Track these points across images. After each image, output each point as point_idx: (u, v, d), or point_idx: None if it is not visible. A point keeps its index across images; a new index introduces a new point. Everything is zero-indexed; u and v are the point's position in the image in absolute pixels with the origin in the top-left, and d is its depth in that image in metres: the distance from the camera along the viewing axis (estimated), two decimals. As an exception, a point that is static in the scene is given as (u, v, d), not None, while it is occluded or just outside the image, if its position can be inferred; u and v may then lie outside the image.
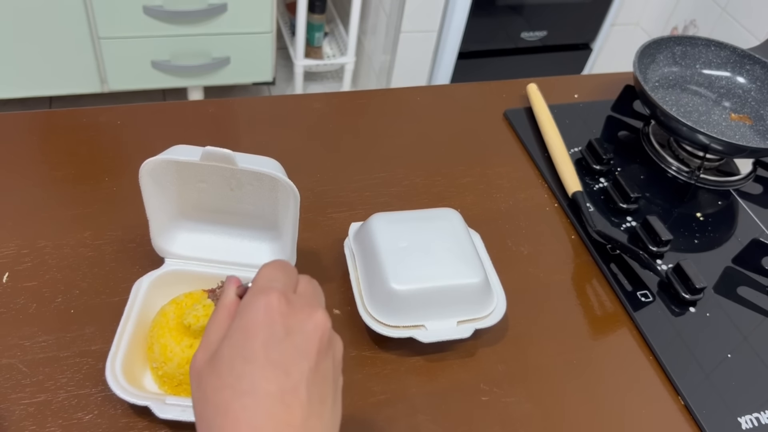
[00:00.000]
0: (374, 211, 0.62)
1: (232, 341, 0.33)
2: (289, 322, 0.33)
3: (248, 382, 0.31)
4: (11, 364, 0.52)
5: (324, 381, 0.34)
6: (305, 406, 0.32)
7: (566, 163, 0.76)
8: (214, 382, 0.32)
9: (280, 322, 0.33)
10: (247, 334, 0.33)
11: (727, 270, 0.71)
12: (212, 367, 0.33)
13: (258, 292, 0.34)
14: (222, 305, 0.37)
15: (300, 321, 0.34)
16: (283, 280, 0.36)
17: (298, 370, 0.32)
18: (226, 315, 0.36)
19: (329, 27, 2.09)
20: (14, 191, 0.65)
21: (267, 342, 0.32)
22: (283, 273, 0.37)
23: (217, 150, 0.50)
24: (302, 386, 0.32)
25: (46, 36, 1.55)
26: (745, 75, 0.87)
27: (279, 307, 0.33)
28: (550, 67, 1.93)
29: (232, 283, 0.39)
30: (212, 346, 0.34)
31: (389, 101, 0.85)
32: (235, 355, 0.32)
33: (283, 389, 0.31)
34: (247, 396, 0.31)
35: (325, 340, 0.34)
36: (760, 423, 0.57)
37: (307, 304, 0.35)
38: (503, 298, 0.60)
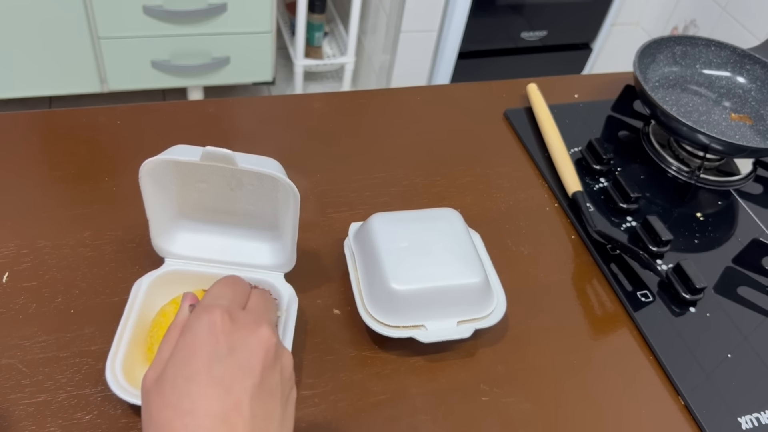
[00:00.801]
0: (374, 211, 0.62)
1: (176, 360, 0.33)
2: (232, 339, 0.33)
3: (189, 401, 0.31)
4: (11, 364, 0.52)
5: (270, 397, 0.33)
6: (248, 424, 0.31)
7: (566, 163, 0.76)
8: (158, 401, 0.32)
9: (223, 340, 0.33)
10: (190, 352, 0.33)
11: (727, 270, 0.71)
12: (158, 385, 0.33)
13: (202, 310, 0.34)
14: (174, 324, 0.36)
15: (243, 338, 0.33)
16: (230, 297, 0.36)
17: (240, 387, 0.32)
18: (176, 333, 0.35)
19: (329, 27, 2.09)
20: (14, 191, 0.65)
21: (209, 360, 0.32)
22: (231, 290, 0.37)
23: (217, 150, 0.49)
24: (245, 404, 0.32)
25: (46, 36, 1.55)
26: (746, 75, 0.87)
27: (222, 324, 0.33)
28: (550, 67, 1.93)
29: (188, 300, 0.39)
30: (160, 366, 0.34)
31: (389, 101, 0.85)
32: (177, 374, 0.32)
33: (226, 407, 0.31)
34: (189, 415, 0.31)
35: (270, 356, 0.34)
36: (761, 423, 0.57)
37: (252, 321, 0.35)
38: (503, 298, 0.60)
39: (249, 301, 0.37)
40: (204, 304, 0.35)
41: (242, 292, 0.38)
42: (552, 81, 0.92)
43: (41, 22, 1.52)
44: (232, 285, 0.38)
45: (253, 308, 0.37)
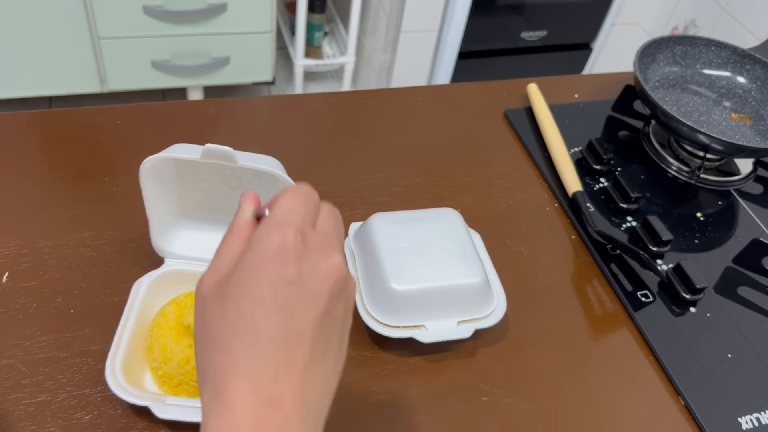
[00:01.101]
0: (374, 211, 0.62)
1: (240, 277, 0.31)
2: (303, 264, 0.31)
3: (251, 322, 0.30)
4: (11, 364, 0.52)
5: (332, 327, 0.32)
6: (308, 353, 0.30)
7: (566, 163, 0.76)
8: (218, 315, 0.31)
9: (293, 264, 0.31)
10: (257, 272, 0.31)
11: (727, 270, 0.71)
12: (218, 298, 0.31)
13: (274, 226, 0.32)
14: (236, 226, 0.34)
15: (314, 264, 0.31)
16: (302, 214, 0.33)
17: (305, 315, 0.31)
18: (239, 238, 0.33)
19: (329, 27, 2.08)
20: (14, 191, 0.65)
21: (276, 283, 0.30)
22: (304, 204, 0.34)
23: (218, 147, 0.49)
24: (308, 332, 0.30)
25: (46, 36, 1.55)
26: (746, 75, 0.87)
27: (294, 246, 0.31)
28: (550, 67, 1.93)
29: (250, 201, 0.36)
30: (220, 272, 0.32)
31: (389, 101, 0.85)
32: (241, 293, 0.30)
33: (288, 335, 0.30)
34: (249, 336, 0.30)
35: (339, 286, 0.32)
36: (761, 423, 0.57)
37: (325, 244, 0.33)
38: (503, 298, 0.60)
39: (319, 218, 0.34)
40: (277, 220, 0.32)
41: (314, 207, 0.34)
42: (552, 81, 0.92)
43: (41, 22, 1.52)
44: (305, 198, 0.34)
45: (324, 229, 0.34)
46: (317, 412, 0.31)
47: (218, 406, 0.29)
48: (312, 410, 0.31)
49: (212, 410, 0.30)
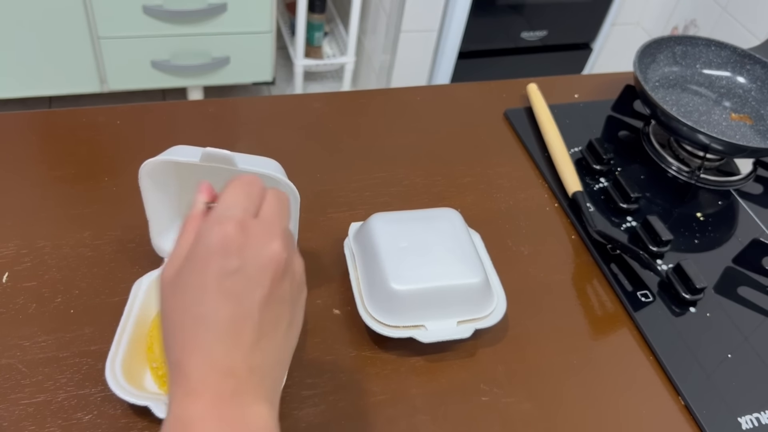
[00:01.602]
0: (374, 211, 0.62)
1: (189, 267, 0.34)
2: (244, 253, 0.34)
3: (203, 308, 0.33)
4: (10, 365, 0.52)
5: (279, 304, 0.35)
6: (256, 330, 0.34)
7: (566, 163, 0.76)
8: (174, 302, 0.34)
9: (234, 255, 0.34)
10: (203, 263, 0.34)
11: (727, 270, 0.71)
12: (174, 286, 0.35)
13: (215, 221, 0.34)
14: (189, 218, 0.37)
15: (255, 252, 0.34)
16: (243, 206, 0.36)
17: (250, 298, 0.34)
18: (191, 230, 0.36)
19: (329, 27, 2.08)
20: (14, 191, 0.65)
21: (220, 273, 0.33)
22: (245, 196, 0.36)
23: (217, 151, 0.49)
24: (254, 312, 0.34)
25: (46, 36, 1.55)
26: (746, 75, 0.87)
27: (235, 238, 0.34)
28: (550, 67, 1.93)
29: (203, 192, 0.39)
30: (176, 263, 0.35)
31: (389, 101, 0.85)
32: (190, 281, 0.34)
33: (235, 316, 0.33)
34: (201, 320, 0.33)
35: (281, 269, 0.35)
36: (761, 423, 0.57)
37: (264, 232, 0.35)
38: (503, 298, 0.60)
39: (263, 206, 0.37)
40: (218, 215, 0.35)
41: (257, 196, 0.37)
42: (552, 81, 0.92)
43: (41, 22, 1.52)
44: (247, 189, 0.37)
45: (267, 216, 0.36)
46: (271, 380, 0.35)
47: (178, 378, 0.33)
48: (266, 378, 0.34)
49: (174, 383, 0.33)
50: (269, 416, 0.34)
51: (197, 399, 0.32)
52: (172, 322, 0.34)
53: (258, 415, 0.33)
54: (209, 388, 0.32)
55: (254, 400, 0.33)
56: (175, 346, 0.34)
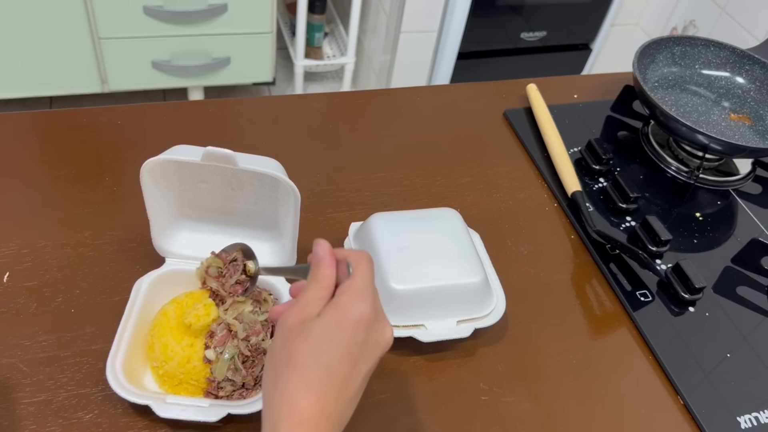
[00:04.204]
0: (374, 211, 0.62)
1: (325, 327, 0.40)
2: (371, 331, 0.41)
3: (327, 360, 0.40)
4: (11, 364, 0.52)
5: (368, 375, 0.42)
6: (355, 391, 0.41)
7: (566, 163, 0.77)
8: (302, 346, 0.40)
9: (365, 331, 0.41)
10: (339, 329, 0.40)
11: (726, 270, 0.71)
12: (304, 334, 0.40)
13: (358, 299, 0.41)
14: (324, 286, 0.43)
15: (377, 333, 0.42)
16: (374, 287, 0.43)
17: (362, 367, 0.41)
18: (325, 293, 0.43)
19: (329, 27, 2.09)
20: (14, 191, 0.65)
21: (352, 340, 0.40)
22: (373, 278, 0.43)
23: (219, 150, 0.50)
24: (360, 378, 0.41)
25: (46, 36, 1.55)
26: (745, 75, 0.87)
27: (368, 318, 0.41)
28: (549, 67, 1.93)
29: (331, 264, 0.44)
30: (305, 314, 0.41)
31: (389, 101, 0.85)
32: (324, 337, 0.40)
33: (348, 376, 0.40)
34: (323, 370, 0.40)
35: (386, 349, 0.43)
36: (759, 422, 0.57)
37: (383, 317, 0.43)
38: (503, 297, 0.60)
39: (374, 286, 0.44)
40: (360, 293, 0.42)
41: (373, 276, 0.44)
42: (551, 81, 0.92)
43: (42, 22, 1.52)
44: (373, 267, 0.44)
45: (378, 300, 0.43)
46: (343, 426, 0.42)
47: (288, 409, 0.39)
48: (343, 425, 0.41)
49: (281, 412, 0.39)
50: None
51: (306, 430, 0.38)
52: (293, 360, 0.40)
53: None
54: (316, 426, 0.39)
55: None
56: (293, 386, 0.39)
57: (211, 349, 0.51)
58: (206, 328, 0.52)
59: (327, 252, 0.44)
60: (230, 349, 0.51)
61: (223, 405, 0.50)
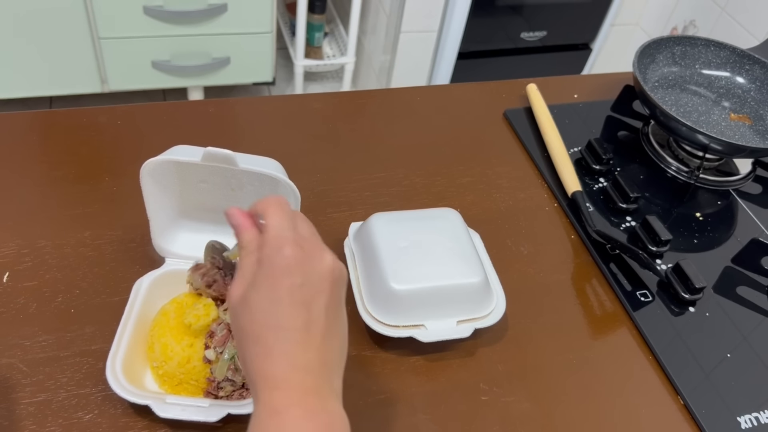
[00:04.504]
0: (374, 211, 0.62)
1: (258, 288, 0.39)
2: (305, 268, 0.39)
3: (276, 318, 0.38)
4: (11, 364, 0.52)
5: (337, 305, 0.41)
6: (324, 331, 0.39)
7: (566, 163, 0.77)
8: (248, 318, 0.39)
9: (299, 271, 0.39)
10: (271, 282, 0.39)
11: (726, 270, 0.71)
12: (245, 305, 0.39)
13: (275, 247, 0.39)
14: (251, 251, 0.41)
15: (313, 266, 0.40)
16: (289, 225, 0.41)
17: (317, 305, 0.39)
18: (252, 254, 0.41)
19: (329, 27, 2.09)
20: (14, 191, 0.65)
21: (290, 289, 0.38)
22: (286, 216, 0.41)
23: (219, 151, 0.50)
24: (321, 316, 0.39)
25: (46, 36, 1.55)
26: (745, 75, 0.87)
27: (295, 257, 0.39)
28: (550, 67, 1.93)
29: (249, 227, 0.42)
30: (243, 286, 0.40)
31: (389, 101, 0.85)
32: (262, 299, 0.39)
33: (307, 321, 0.39)
34: (277, 329, 0.38)
35: (336, 275, 0.41)
36: (760, 423, 0.57)
37: (315, 246, 0.41)
38: (503, 297, 0.60)
39: (297, 223, 0.42)
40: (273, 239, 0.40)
41: (291, 214, 0.42)
42: (552, 81, 0.92)
43: (41, 22, 1.52)
44: (284, 208, 0.42)
45: (307, 232, 0.42)
46: (338, 371, 0.41)
47: (263, 381, 0.37)
48: (333, 371, 0.40)
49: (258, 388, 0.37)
50: (341, 408, 0.40)
51: (285, 392, 0.37)
52: (248, 335, 0.39)
53: (333, 406, 0.39)
54: (294, 385, 0.37)
55: (330, 393, 0.39)
56: (256, 357, 0.38)
57: (211, 349, 0.51)
58: (206, 328, 0.52)
59: (240, 217, 0.43)
60: (230, 349, 0.51)
61: (223, 405, 0.50)
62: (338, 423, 0.38)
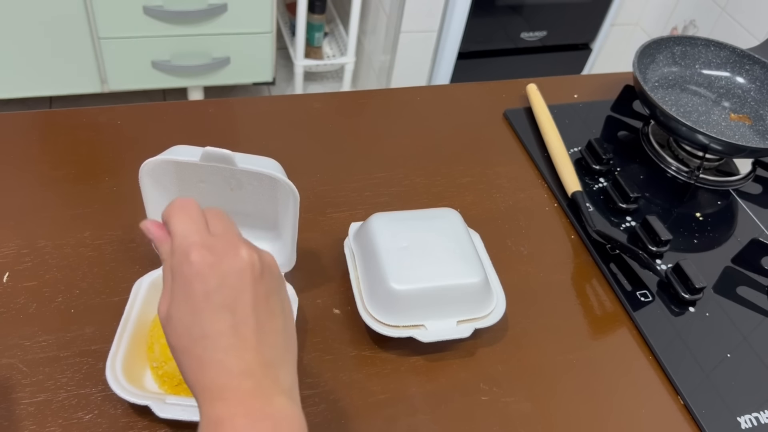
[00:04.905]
0: (374, 211, 0.62)
1: (176, 301, 0.37)
2: (219, 269, 0.37)
3: (200, 328, 0.36)
4: (11, 364, 0.52)
5: (268, 299, 0.38)
6: (257, 329, 0.37)
7: (566, 163, 0.77)
8: (172, 333, 0.37)
9: (211, 275, 0.36)
10: (186, 293, 0.36)
11: (726, 270, 0.71)
12: (168, 322, 0.37)
13: (180, 255, 0.37)
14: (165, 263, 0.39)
15: (228, 265, 0.37)
16: (194, 228, 0.38)
17: (241, 304, 0.36)
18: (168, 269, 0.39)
19: (329, 27, 2.09)
20: (14, 191, 0.65)
21: (206, 294, 0.36)
22: (189, 219, 0.39)
23: (217, 150, 0.50)
24: (249, 314, 0.36)
25: (47, 36, 1.55)
26: (745, 75, 0.87)
27: (204, 260, 0.36)
28: (550, 67, 1.93)
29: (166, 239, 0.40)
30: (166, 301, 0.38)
31: (389, 101, 0.85)
32: (182, 312, 0.36)
33: (234, 324, 0.36)
34: (204, 339, 0.36)
35: (257, 270, 0.38)
36: (760, 423, 0.57)
37: (226, 243, 0.38)
38: (503, 297, 0.60)
39: (209, 222, 0.39)
40: (178, 248, 0.37)
41: (198, 215, 0.39)
42: (552, 81, 0.92)
43: (41, 22, 1.52)
44: (186, 212, 0.39)
45: (219, 230, 0.39)
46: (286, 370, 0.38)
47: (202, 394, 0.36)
48: (280, 369, 0.37)
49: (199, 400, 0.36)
50: (292, 405, 0.37)
51: (224, 402, 0.35)
52: (178, 350, 0.37)
53: (281, 405, 0.36)
54: (232, 391, 0.35)
55: (275, 392, 0.36)
56: (190, 371, 0.36)
57: (211, 350, 0.51)
58: None
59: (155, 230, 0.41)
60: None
61: (223, 405, 0.50)
62: (284, 424, 0.36)
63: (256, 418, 0.35)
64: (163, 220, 0.40)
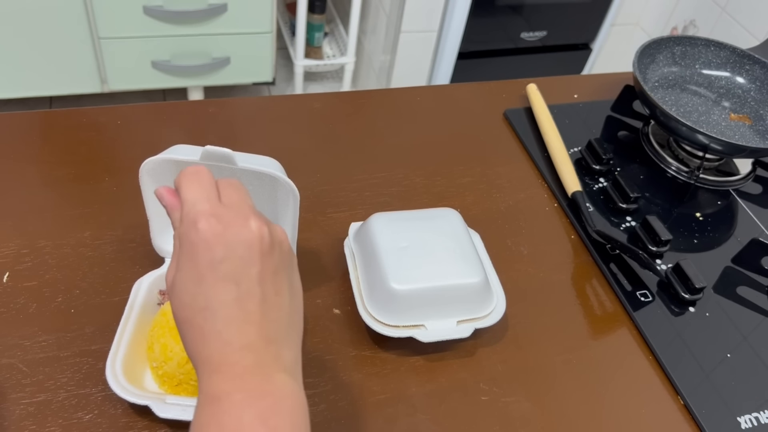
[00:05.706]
0: (374, 211, 0.62)
1: (181, 269, 0.36)
2: (226, 239, 0.36)
3: (203, 299, 0.35)
4: (11, 364, 0.52)
5: (276, 274, 0.37)
6: (261, 304, 0.36)
7: (566, 163, 0.77)
8: (176, 303, 0.36)
9: (218, 244, 0.35)
10: (192, 261, 0.36)
11: (726, 270, 0.71)
12: (172, 291, 0.37)
13: (188, 223, 0.36)
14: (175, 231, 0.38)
15: (236, 234, 0.36)
16: (204, 196, 0.37)
17: (247, 277, 0.36)
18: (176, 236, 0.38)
19: (329, 27, 2.09)
20: (14, 191, 0.65)
21: (211, 263, 0.35)
22: (200, 186, 0.38)
23: (217, 149, 0.50)
24: (255, 288, 0.36)
25: (46, 36, 1.55)
26: (745, 75, 0.87)
27: (211, 229, 0.35)
28: (550, 67, 1.93)
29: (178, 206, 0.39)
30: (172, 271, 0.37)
31: (389, 101, 0.85)
32: (186, 280, 0.36)
33: (238, 296, 0.35)
34: (206, 310, 0.35)
35: (266, 243, 0.37)
36: (760, 423, 0.57)
37: (237, 213, 0.37)
38: (503, 297, 0.60)
39: (222, 192, 0.38)
40: (187, 216, 0.36)
41: (209, 183, 0.38)
42: (552, 81, 0.92)
43: (41, 22, 1.52)
44: (197, 178, 0.38)
45: (231, 199, 0.38)
46: (288, 347, 0.37)
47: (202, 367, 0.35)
48: (282, 346, 0.36)
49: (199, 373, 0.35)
50: (293, 383, 0.36)
51: (222, 376, 0.34)
52: (181, 321, 0.36)
53: (282, 382, 0.35)
54: (231, 365, 0.34)
55: (276, 369, 0.36)
56: (192, 342, 0.36)
57: (211, 349, 0.51)
58: None
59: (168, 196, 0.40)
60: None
61: (223, 405, 0.50)
62: (285, 403, 0.35)
63: (256, 395, 0.34)
64: (175, 187, 0.39)
